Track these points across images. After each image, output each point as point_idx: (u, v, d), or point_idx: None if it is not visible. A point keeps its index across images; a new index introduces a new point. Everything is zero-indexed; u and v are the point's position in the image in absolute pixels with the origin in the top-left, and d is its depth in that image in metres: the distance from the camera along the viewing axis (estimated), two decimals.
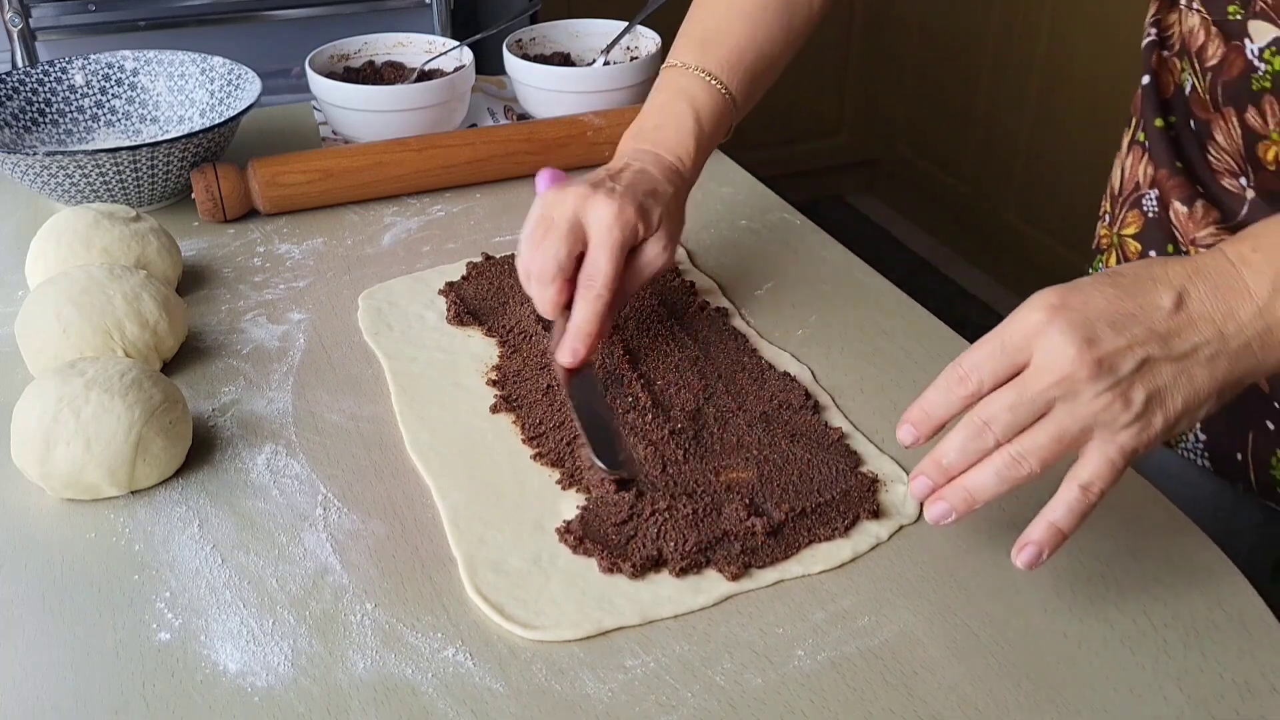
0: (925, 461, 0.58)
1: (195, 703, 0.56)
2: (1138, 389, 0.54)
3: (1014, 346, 0.56)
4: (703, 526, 0.65)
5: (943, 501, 0.58)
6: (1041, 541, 0.57)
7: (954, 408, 0.57)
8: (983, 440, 0.56)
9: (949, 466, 0.57)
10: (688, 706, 0.56)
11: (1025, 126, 2.48)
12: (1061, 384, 0.54)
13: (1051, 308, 0.55)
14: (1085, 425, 0.55)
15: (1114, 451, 0.55)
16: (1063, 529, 0.57)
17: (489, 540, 0.65)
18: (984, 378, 0.56)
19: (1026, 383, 0.55)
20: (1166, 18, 0.84)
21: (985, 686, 0.57)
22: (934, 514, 0.58)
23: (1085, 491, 0.56)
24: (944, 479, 0.58)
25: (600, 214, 0.74)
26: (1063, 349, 0.54)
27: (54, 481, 0.67)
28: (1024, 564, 0.57)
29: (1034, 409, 0.55)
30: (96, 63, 1.11)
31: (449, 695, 0.56)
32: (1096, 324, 0.54)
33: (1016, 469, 0.56)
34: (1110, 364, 0.54)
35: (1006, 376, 0.56)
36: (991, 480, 0.56)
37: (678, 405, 0.75)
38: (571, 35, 1.25)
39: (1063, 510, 0.56)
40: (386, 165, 1.03)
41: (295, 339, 0.84)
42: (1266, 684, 0.57)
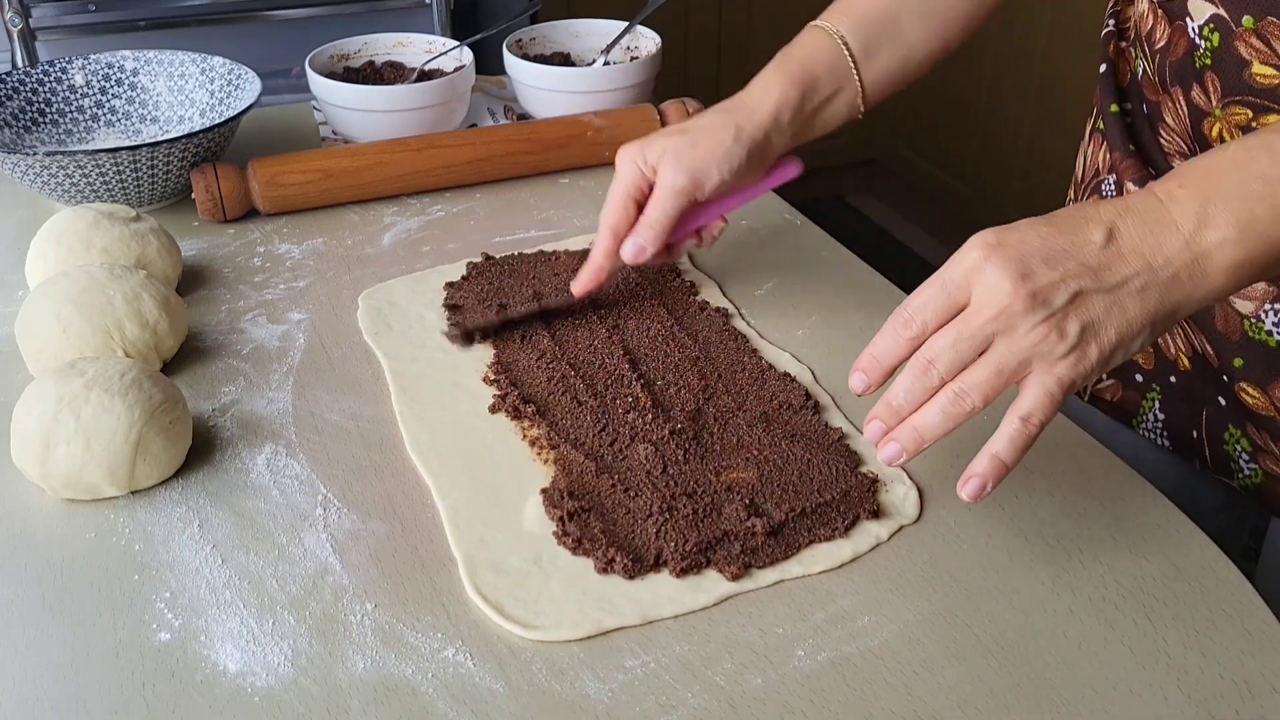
0: (878, 405, 0.60)
1: (195, 703, 0.56)
2: (1072, 320, 0.56)
3: (954, 285, 0.57)
4: (703, 526, 0.65)
5: (894, 442, 0.59)
6: (985, 474, 0.58)
7: (901, 351, 0.59)
8: (928, 379, 0.58)
9: (899, 408, 0.59)
10: (688, 706, 0.56)
11: (1025, 127, 2.48)
12: (999, 318, 0.56)
13: (988, 245, 0.57)
14: (1023, 358, 0.56)
15: (1052, 383, 0.57)
16: (1005, 460, 0.58)
17: (489, 540, 0.65)
18: (928, 319, 0.58)
19: (966, 319, 0.57)
20: (1125, 10, 0.86)
21: (985, 686, 0.57)
22: (886, 454, 0.60)
23: (1025, 423, 0.57)
24: (896, 420, 0.59)
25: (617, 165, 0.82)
26: (999, 284, 0.56)
27: (54, 481, 0.67)
28: (969, 496, 0.59)
29: (974, 344, 0.57)
30: (96, 63, 1.11)
31: (449, 695, 0.56)
32: (1031, 259, 0.56)
33: (960, 404, 0.57)
34: (1044, 297, 0.56)
35: (949, 316, 0.58)
36: (938, 418, 0.58)
37: (678, 405, 0.75)
38: (571, 35, 1.25)
39: (1004, 443, 0.58)
40: (386, 165, 1.03)
41: (295, 339, 0.84)
42: (1267, 684, 0.57)
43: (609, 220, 0.82)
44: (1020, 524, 0.67)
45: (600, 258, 0.82)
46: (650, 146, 0.81)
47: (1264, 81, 0.71)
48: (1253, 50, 0.70)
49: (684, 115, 1.12)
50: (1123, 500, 0.69)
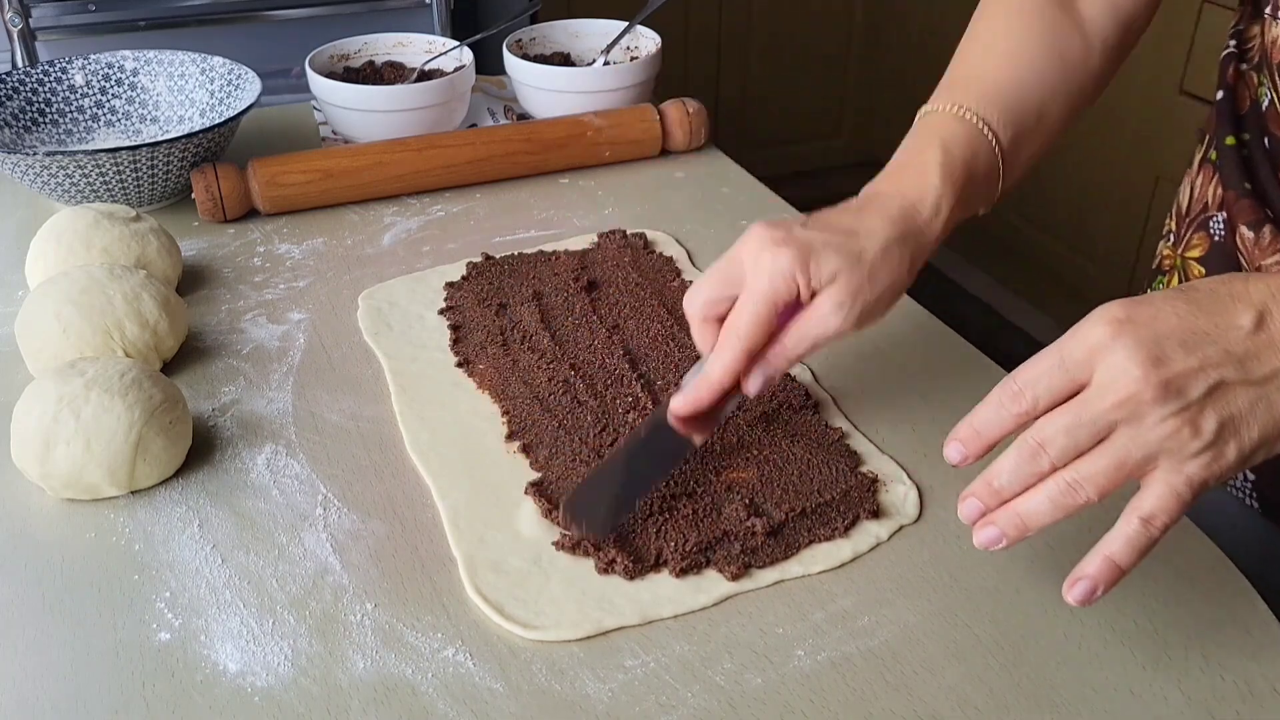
0: (976, 483, 0.54)
1: (195, 703, 0.56)
2: (1209, 415, 0.50)
3: (1074, 363, 0.51)
4: (703, 526, 0.65)
5: (992, 526, 0.54)
6: (1097, 577, 0.53)
7: (1006, 426, 0.53)
8: (1037, 463, 0.52)
9: (1000, 489, 0.53)
10: (688, 706, 0.56)
11: None
12: (1124, 406, 0.50)
13: (1117, 322, 0.51)
14: (1149, 453, 0.51)
15: (1180, 482, 0.51)
16: (1120, 564, 0.53)
17: (489, 540, 0.65)
18: (1040, 395, 0.52)
19: (1087, 403, 0.51)
20: (1249, 29, 0.80)
21: (985, 686, 0.57)
22: (984, 539, 0.54)
23: (1147, 525, 0.52)
24: (995, 502, 0.54)
25: (757, 258, 0.64)
26: (1127, 368, 0.50)
27: (54, 481, 0.67)
28: (1076, 600, 0.53)
29: (1094, 432, 0.51)
30: (96, 63, 1.11)
31: (449, 695, 0.56)
32: (1165, 342, 0.50)
33: (1072, 496, 0.52)
34: (1179, 386, 0.50)
35: (1065, 395, 0.52)
36: (1045, 507, 0.53)
37: None
38: (571, 35, 1.25)
39: (1121, 544, 0.52)
40: (386, 165, 1.03)
41: (295, 339, 0.84)
42: (1267, 685, 0.57)
43: (748, 337, 0.64)
44: None
45: (720, 378, 0.65)
46: (818, 260, 0.64)
47: None
48: None
49: (684, 115, 1.12)
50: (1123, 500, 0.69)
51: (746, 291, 0.65)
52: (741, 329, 0.64)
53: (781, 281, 0.64)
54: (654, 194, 1.06)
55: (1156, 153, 2.11)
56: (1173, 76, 2.06)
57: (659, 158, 1.13)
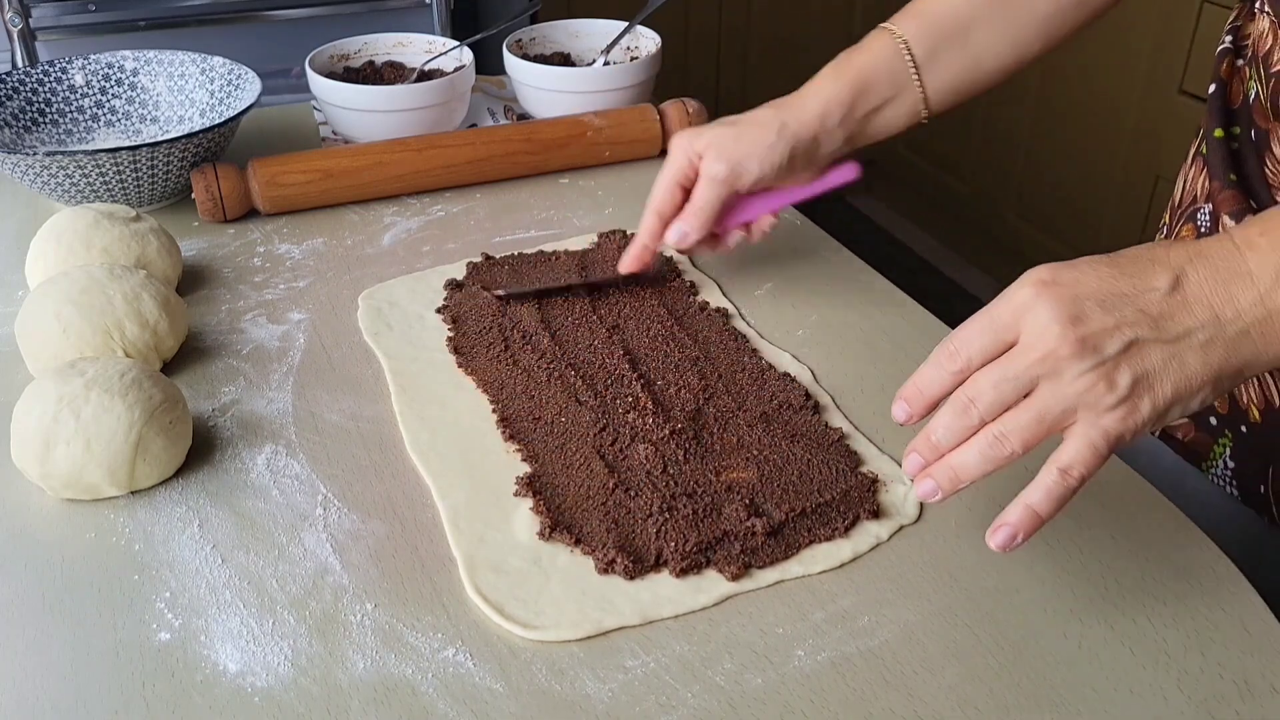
0: (918, 438, 0.58)
1: (195, 703, 0.56)
2: (1123, 371, 0.53)
3: (1002, 323, 0.54)
4: (703, 526, 0.65)
5: (929, 479, 0.57)
6: (1017, 524, 0.55)
7: (945, 384, 0.56)
8: (968, 417, 0.55)
9: (937, 443, 0.56)
10: (688, 706, 0.56)
11: (1025, 126, 2.48)
12: (1044, 361, 0.53)
13: (1041, 284, 0.54)
14: (1068, 406, 0.53)
15: (1097, 435, 0.54)
16: (1040, 513, 0.55)
17: (489, 540, 0.65)
18: (973, 354, 0.55)
19: (1011, 359, 0.54)
20: (1246, 26, 0.81)
21: (985, 686, 0.57)
22: (921, 491, 0.57)
23: (1064, 475, 0.55)
24: (934, 456, 0.57)
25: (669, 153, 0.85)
26: (1047, 325, 0.53)
27: (54, 481, 0.67)
28: (997, 545, 0.56)
29: (1018, 386, 0.54)
30: (96, 63, 1.11)
31: (449, 695, 0.56)
32: (1085, 302, 0.53)
33: (999, 448, 0.55)
34: (1095, 343, 0.53)
35: (995, 353, 0.55)
36: (975, 459, 0.55)
37: (678, 405, 0.75)
38: (571, 35, 1.25)
39: (1040, 494, 0.55)
40: (386, 165, 1.03)
41: (295, 339, 0.84)
42: (1266, 684, 0.57)
43: (656, 204, 0.84)
44: None
45: (646, 239, 0.85)
46: (700, 136, 0.83)
47: None
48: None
49: (684, 115, 1.12)
50: (1122, 500, 0.69)
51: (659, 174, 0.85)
52: (654, 199, 0.85)
53: (678, 156, 0.84)
54: None
55: (1156, 152, 2.11)
56: (1172, 76, 2.06)
57: (659, 158, 1.13)
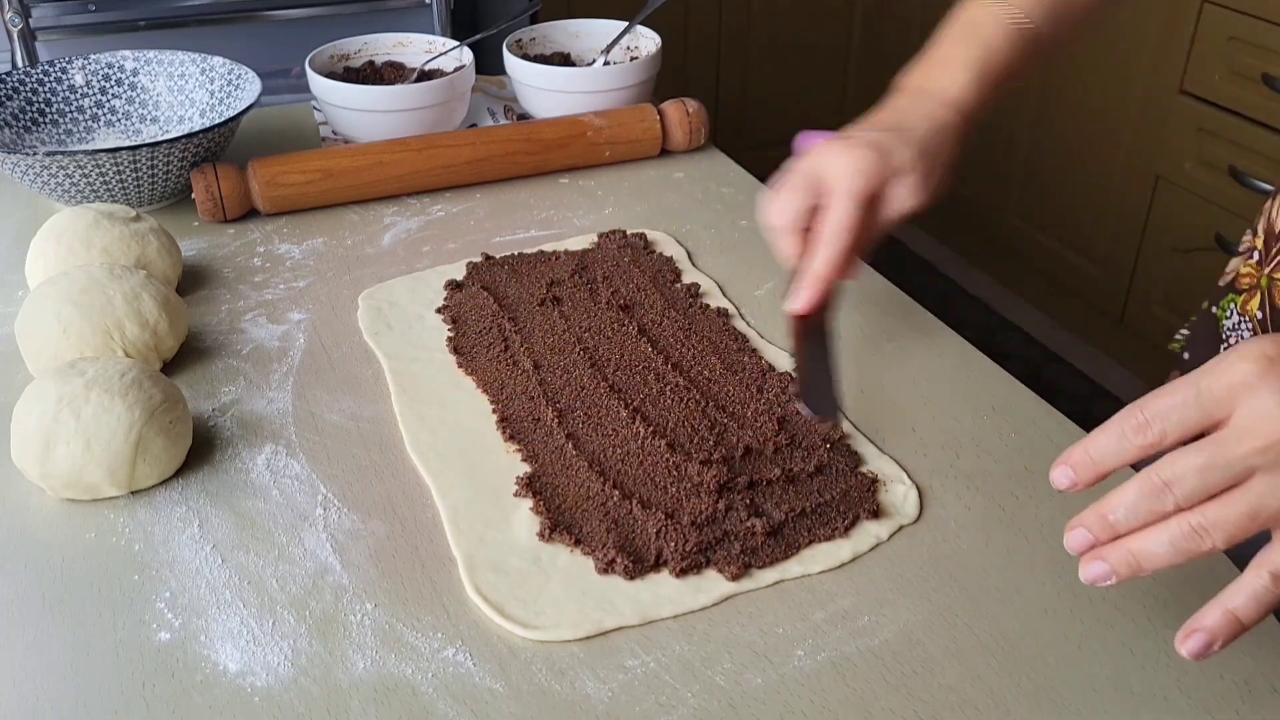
0: (1088, 513, 0.51)
1: (195, 703, 0.56)
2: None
3: (1213, 398, 0.48)
4: (702, 527, 0.65)
5: (1102, 562, 0.50)
6: (1215, 631, 0.49)
7: (1127, 457, 0.50)
8: (1160, 502, 0.48)
9: (1116, 524, 0.50)
10: (688, 706, 0.56)
11: (1025, 127, 2.48)
12: (1267, 452, 0.46)
13: (1267, 359, 0.47)
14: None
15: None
16: (1243, 620, 0.49)
17: (489, 540, 0.65)
18: (1169, 429, 0.48)
19: (1224, 444, 0.47)
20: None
21: (985, 686, 0.57)
22: (1091, 573, 0.51)
23: (1277, 581, 0.48)
24: (1108, 536, 0.50)
25: (837, 164, 0.72)
26: (1274, 411, 0.46)
27: (54, 481, 0.67)
28: (1190, 653, 0.50)
29: (1229, 476, 0.47)
30: (96, 63, 1.11)
31: (449, 695, 0.56)
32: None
33: (1196, 542, 0.48)
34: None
35: (1196, 431, 0.48)
36: (1165, 549, 0.49)
37: (678, 406, 0.75)
38: (571, 35, 1.25)
39: (1246, 598, 0.48)
40: (386, 165, 1.03)
41: (295, 339, 0.84)
42: (1267, 685, 0.57)
43: (849, 234, 0.71)
44: (1020, 524, 0.67)
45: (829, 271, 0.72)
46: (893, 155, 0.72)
47: None
48: None
49: (684, 115, 1.12)
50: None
51: (838, 195, 0.71)
52: (843, 227, 0.71)
53: (867, 180, 0.71)
54: (654, 194, 1.06)
55: (1156, 153, 2.11)
56: (1173, 76, 2.06)
57: (659, 158, 1.13)
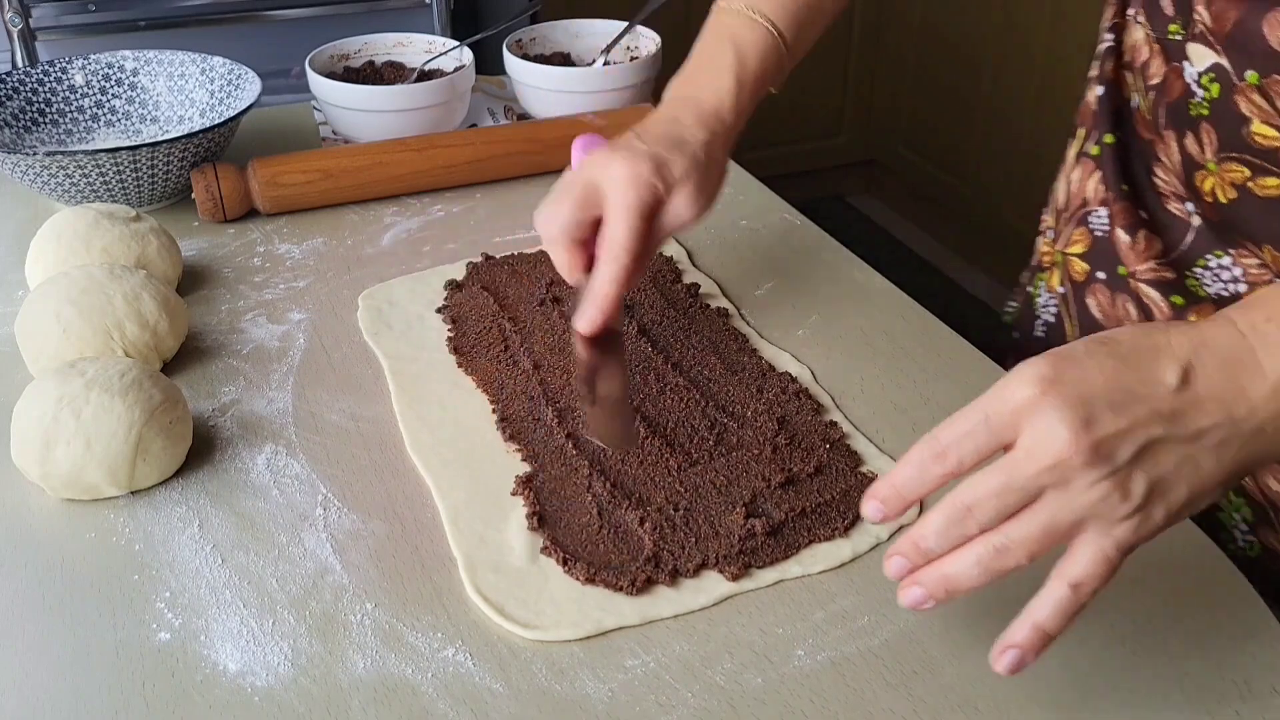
0: (902, 540, 0.52)
1: (195, 703, 0.56)
2: (1138, 478, 0.49)
3: (1000, 423, 0.49)
4: (702, 528, 0.65)
5: (918, 588, 0.52)
6: (1025, 645, 0.51)
7: (929, 486, 0.51)
8: (965, 526, 0.50)
9: (927, 550, 0.52)
10: (688, 706, 0.56)
11: (1026, 127, 2.48)
12: (1054, 471, 0.48)
13: (1044, 381, 0.49)
14: (1078, 518, 0.49)
15: (1109, 546, 0.50)
16: (1049, 631, 0.51)
17: (489, 540, 0.65)
18: (964, 456, 0.50)
19: (1015, 467, 0.49)
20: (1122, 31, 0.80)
21: (985, 686, 0.57)
22: (909, 599, 0.52)
23: (1075, 590, 0.50)
24: (922, 561, 0.52)
25: (614, 175, 0.70)
26: (1055, 431, 0.48)
27: (54, 481, 0.67)
28: (1004, 670, 0.51)
29: (1023, 497, 0.49)
30: (96, 63, 1.11)
31: (449, 695, 0.56)
32: (1094, 403, 0.48)
33: (1001, 561, 0.50)
34: (1108, 450, 0.48)
35: (989, 455, 0.50)
36: (973, 570, 0.51)
37: (677, 406, 0.75)
38: (571, 35, 1.25)
39: (1049, 610, 0.51)
40: (386, 165, 1.03)
41: (295, 339, 0.84)
42: (1267, 685, 0.57)
43: (632, 247, 0.69)
44: None
45: (616, 289, 0.69)
46: (668, 166, 0.71)
47: (1264, 142, 0.66)
48: (1254, 107, 0.66)
49: None
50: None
51: (614, 208, 0.70)
52: (624, 243, 0.69)
53: (647, 191, 0.70)
54: None
55: None
56: None
57: None
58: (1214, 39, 0.67)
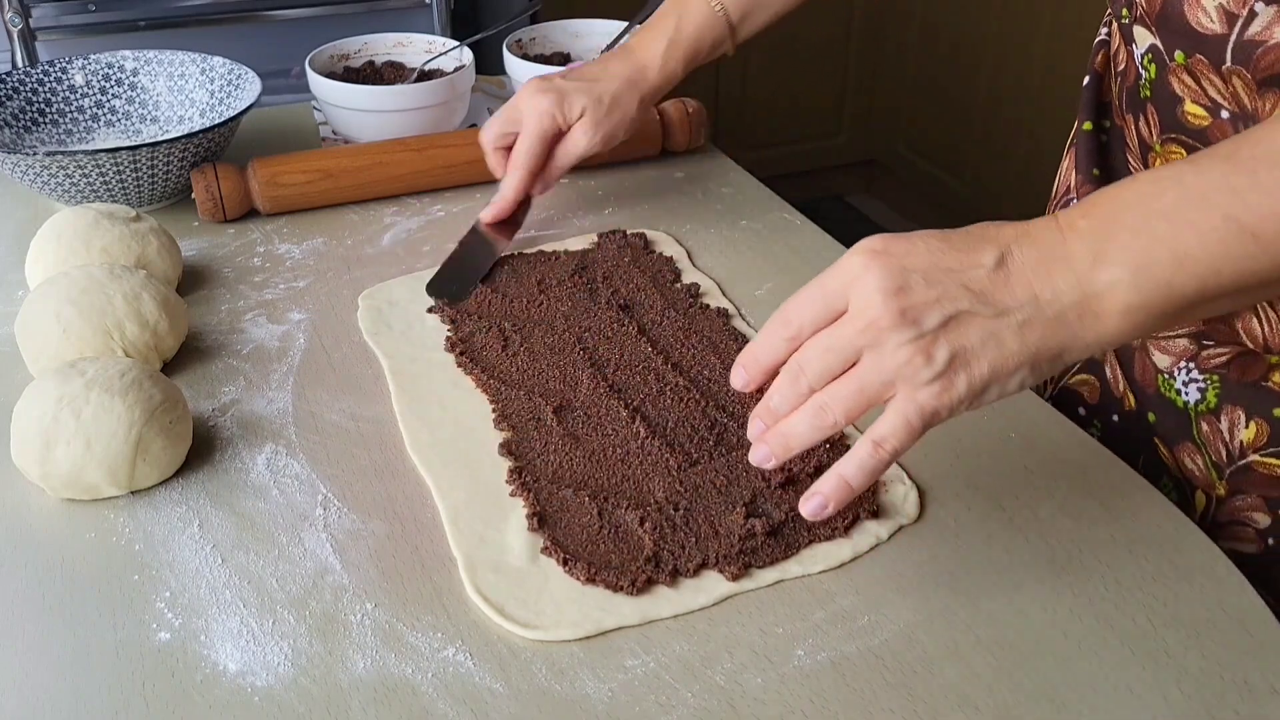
0: (759, 405, 0.57)
1: (195, 703, 0.56)
2: (941, 345, 0.52)
3: (833, 291, 0.54)
4: (702, 529, 0.65)
5: (763, 445, 0.57)
6: (828, 494, 0.56)
7: (779, 351, 0.56)
8: (798, 385, 0.55)
9: (774, 409, 0.56)
10: (688, 706, 0.56)
11: (1025, 126, 2.48)
12: (867, 331, 0.53)
13: (871, 252, 0.54)
14: (887, 378, 0.53)
15: (912, 410, 0.53)
16: (851, 483, 0.55)
17: (489, 540, 0.65)
18: (805, 322, 0.55)
19: (837, 328, 0.54)
20: None
21: (985, 686, 0.57)
22: (755, 457, 0.57)
23: (877, 447, 0.54)
24: (772, 421, 0.57)
25: (526, 105, 0.91)
26: (871, 295, 0.53)
27: (54, 481, 0.67)
28: (808, 513, 0.57)
29: (842, 356, 0.54)
30: (96, 63, 1.11)
31: (449, 695, 0.56)
32: (911, 274, 0.53)
33: (822, 417, 0.55)
34: (915, 315, 0.52)
35: (826, 322, 0.55)
36: (804, 428, 0.55)
37: (677, 405, 0.75)
38: (571, 35, 1.25)
39: (853, 465, 0.55)
40: (386, 165, 1.03)
41: (295, 339, 0.84)
42: (1266, 684, 0.57)
43: (527, 164, 0.91)
44: (1020, 523, 0.67)
45: (512, 194, 0.92)
46: (569, 102, 0.90)
47: (1195, 122, 0.68)
48: (1185, 87, 0.67)
49: (684, 115, 1.12)
50: (1122, 499, 0.69)
51: (523, 129, 0.91)
52: (521, 157, 0.91)
53: (546, 119, 0.90)
54: (654, 194, 1.06)
55: None
56: None
57: (659, 158, 1.13)
58: (1150, 20, 0.70)
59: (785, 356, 0.56)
